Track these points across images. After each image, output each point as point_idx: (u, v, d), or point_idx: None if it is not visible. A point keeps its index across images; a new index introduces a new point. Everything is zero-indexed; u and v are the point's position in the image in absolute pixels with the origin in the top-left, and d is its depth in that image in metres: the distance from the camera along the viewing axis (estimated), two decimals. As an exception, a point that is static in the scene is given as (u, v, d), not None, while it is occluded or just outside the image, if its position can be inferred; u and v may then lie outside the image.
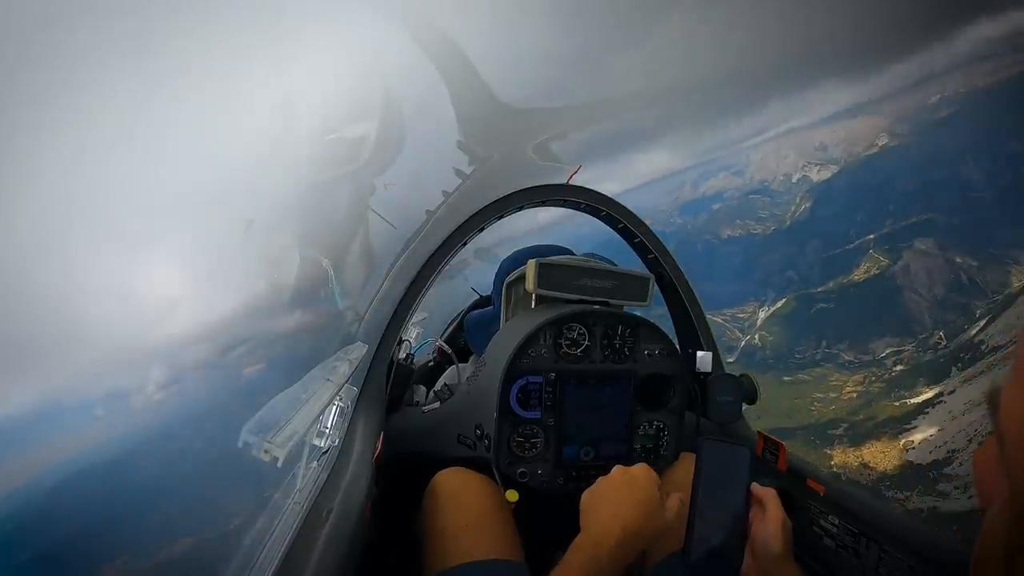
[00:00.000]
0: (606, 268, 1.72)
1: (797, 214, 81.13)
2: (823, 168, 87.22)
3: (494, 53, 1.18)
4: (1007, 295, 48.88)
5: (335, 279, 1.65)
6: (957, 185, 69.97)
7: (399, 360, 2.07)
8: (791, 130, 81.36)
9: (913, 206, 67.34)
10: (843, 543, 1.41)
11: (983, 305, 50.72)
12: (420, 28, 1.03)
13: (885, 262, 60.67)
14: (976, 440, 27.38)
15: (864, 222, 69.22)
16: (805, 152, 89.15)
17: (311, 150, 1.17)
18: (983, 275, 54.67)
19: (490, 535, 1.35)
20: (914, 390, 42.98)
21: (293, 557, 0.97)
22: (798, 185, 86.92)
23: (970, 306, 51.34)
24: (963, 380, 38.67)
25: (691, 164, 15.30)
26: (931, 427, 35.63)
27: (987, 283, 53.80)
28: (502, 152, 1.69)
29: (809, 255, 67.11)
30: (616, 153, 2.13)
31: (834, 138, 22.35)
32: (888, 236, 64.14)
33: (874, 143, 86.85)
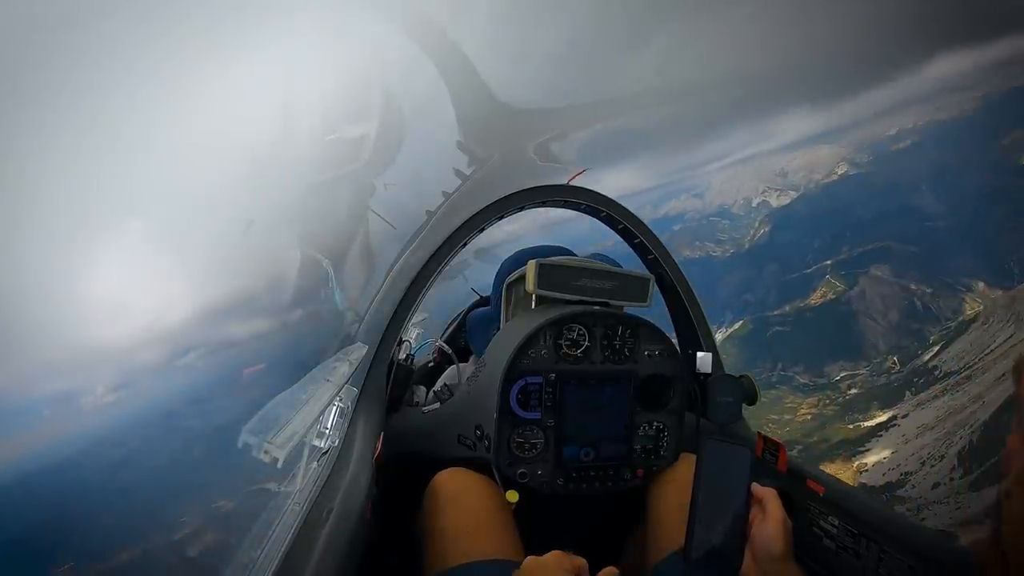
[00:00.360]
0: (606, 269, 1.72)
1: (756, 238, 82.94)
2: (783, 194, 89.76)
3: (494, 53, 1.18)
4: (960, 322, 50.23)
5: (335, 279, 1.65)
6: (914, 214, 72.49)
7: (399, 360, 2.07)
8: (753, 156, 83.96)
9: (870, 233, 69.41)
10: (843, 544, 1.40)
11: (936, 331, 52.16)
12: (420, 28, 1.03)
13: (841, 287, 62.31)
14: (929, 463, 27.97)
15: (821, 248, 71.18)
16: (765, 177, 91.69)
17: (311, 150, 1.17)
18: (937, 302, 56.28)
19: (490, 535, 1.35)
20: (868, 413, 43.65)
21: (293, 557, 0.97)
22: (758, 209, 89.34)
23: (924, 332, 52.89)
24: (916, 404, 39.33)
25: (653, 185, 15.38)
26: (884, 450, 36.07)
27: (941, 310, 55.35)
28: (502, 152, 1.69)
29: (767, 278, 68.28)
30: (586, 170, 2.15)
31: (794, 165, 22.92)
32: (845, 262, 65.90)
33: (834, 171, 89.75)
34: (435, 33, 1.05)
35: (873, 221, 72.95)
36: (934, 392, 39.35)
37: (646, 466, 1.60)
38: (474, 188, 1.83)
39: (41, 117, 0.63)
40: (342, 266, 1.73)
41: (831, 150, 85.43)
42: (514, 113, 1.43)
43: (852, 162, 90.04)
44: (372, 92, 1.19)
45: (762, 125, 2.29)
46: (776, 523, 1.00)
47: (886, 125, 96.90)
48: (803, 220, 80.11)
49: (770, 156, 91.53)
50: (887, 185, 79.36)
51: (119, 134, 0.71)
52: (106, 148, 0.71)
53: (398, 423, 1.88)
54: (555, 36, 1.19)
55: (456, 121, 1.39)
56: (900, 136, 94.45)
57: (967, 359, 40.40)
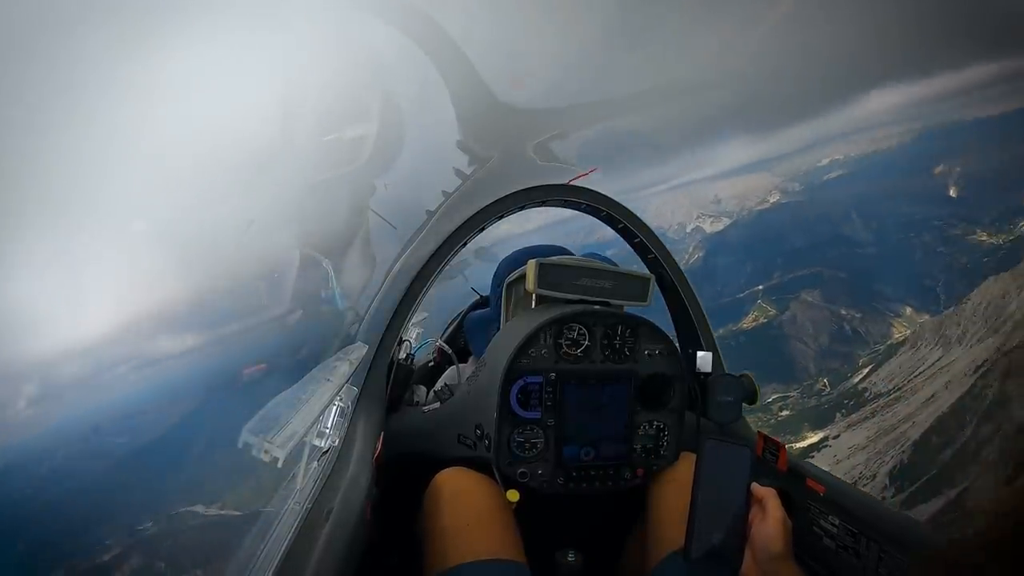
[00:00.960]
0: (606, 268, 1.72)
1: (690, 262, 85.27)
2: (716, 220, 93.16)
3: (494, 53, 1.18)
4: (888, 345, 51.82)
5: (335, 279, 1.65)
6: (843, 242, 75.69)
7: (399, 360, 2.07)
8: (689, 182, 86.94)
9: (801, 260, 72.01)
10: (843, 543, 1.40)
11: (865, 354, 53.93)
12: (420, 28, 1.03)
13: (772, 312, 64.52)
14: (861, 482, 28.74)
15: (754, 273, 73.63)
16: (700, 204, 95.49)
17: (310, 150, 1.17)
18: (865, 326, 58.60)
19: (491, 535, 1.35)
20: (800, 435, 44.46)
21: (293, 557, 0.97)
22: (692, 235, 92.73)
23: (853, 355, 54.65)
24: (847, 425, 39.88)
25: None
26: (817, 470, 36.72)
27: (869, 333, 57.56)
28: (502, 152, 1.68)
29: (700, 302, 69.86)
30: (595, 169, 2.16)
31: (728, 192, 23.37)
32: (776, 287, 68.20)
33: (766, 199, 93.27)
34: (435, 33, 1.05)
35: (804, 248, 76.30)
36: (865, 413, 40.25)
37: (646, 466, 1.60)
38: (474, 187, 1.83)
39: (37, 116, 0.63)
40: (341, 266, 1.73)
41: (764, 178, 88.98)
42: (514, 113, 1.43)
43: (784, 191, 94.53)
44: (372, 92, 1.19)
45: (700, 153, 2.35)
46: (776, 523, 1.00)
47: (817, 155, 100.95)
48: (736, 246, 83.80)
49: (705, 183, 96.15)
50: (818, 213, 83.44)
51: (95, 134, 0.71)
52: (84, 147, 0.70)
53: (398, 423, 1.88)
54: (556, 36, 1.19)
55: (456, 120, 1.39)
56: (831, 167, 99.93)
57: (896, 381, 41.30)
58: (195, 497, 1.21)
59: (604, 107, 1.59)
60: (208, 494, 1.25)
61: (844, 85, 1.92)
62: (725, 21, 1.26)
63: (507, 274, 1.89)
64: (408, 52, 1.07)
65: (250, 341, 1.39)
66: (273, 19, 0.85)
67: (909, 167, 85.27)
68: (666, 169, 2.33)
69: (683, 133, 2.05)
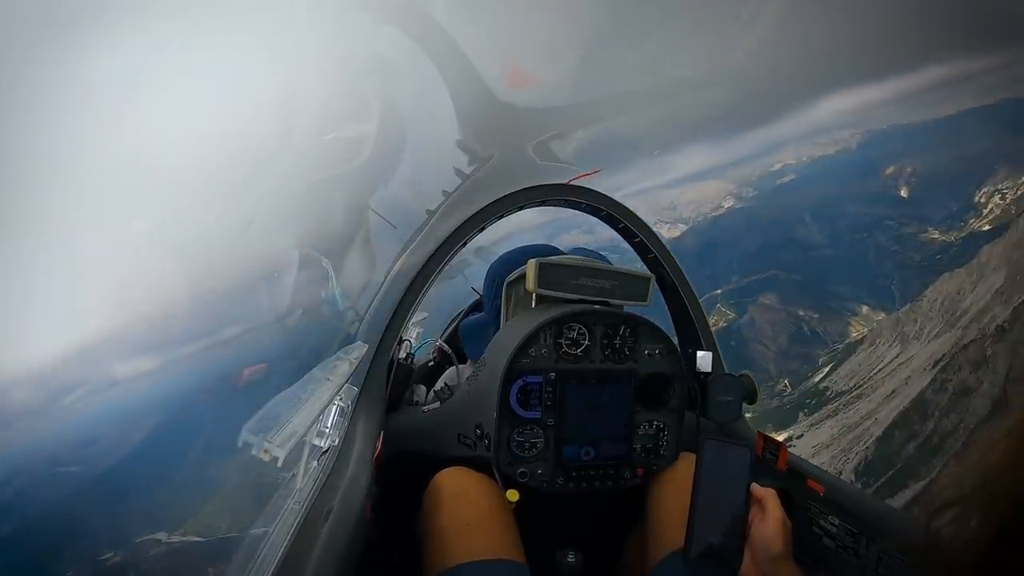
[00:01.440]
0: (606, 268, 1.72)
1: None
2: (673, 226, 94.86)
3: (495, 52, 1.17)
4: (847, 344, 52.34)
5: (335, 279, 1.65)
6: (798, 244, 77.09)
7: (399, 360, 2.07)
8: (645, 190, 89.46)
9: (757, 263, 73.38)
10: (843, 543, 1.40)
11: (825, 354, 54.49)
12: (420, 27, 1.03)
13: (732, 315, 65.71)
14: None
15: (711, 278, 74.43)
16: (656, 211, 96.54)
17: (310, 149, 1.17)
18: (823, 326, 59.54)
19: (491, 535, 1.35)
20: None
21: (293, 557, 0.97)
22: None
23: (812, 355, 55.36)
24: (809, 425, 40.03)
25: (544, 221, 15.47)
26: (781, 469, 37.15)
27: (828, 333, 58.40)
28: (503, 151, 1.68)
29: (659, 308, 70.71)
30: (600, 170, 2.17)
31: (684, 199, 23.38)
32: (734, 291, 69.39)
33: (720, 205, 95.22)
34: (435, 32, 1.05)
35: (760, 252, 77.78)
36: (827, 412, 40.43)
37: (646, 465, 1.60)
38: (474, 187, 1.83)
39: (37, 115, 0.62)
40: (341, 265, 1.73)
41: (718, 185, 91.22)
42: (515, 112, 1.43)
43: (738, 196, 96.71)
44: (372, 91, 1.19)
45: (658, 161, 2.38)
46: (775, 523, 1.00)
47: (770, 160, 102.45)
48: (693, 251, 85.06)
49: (661, 190, 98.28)
50: (772, 217, 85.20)
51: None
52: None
53: (398, 422, 1.88)
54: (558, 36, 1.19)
55: (456, 120, 1.39)
56: (784, 171, 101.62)
57: (857, 379, 41.58)
58: (159, 525, 1.19)
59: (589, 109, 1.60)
60: (171, 520, 1.23)
61: (798, 90, 1.95)
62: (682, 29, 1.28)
63: (499, 274, 1.89)
64: (408, 51, 1.07)
65: (250, 343, 1.38)
66: (273, 18, 0.85)
67: (860, 169, 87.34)
68: (622, 178, 2.36)
69: (636, 144, 2.09)
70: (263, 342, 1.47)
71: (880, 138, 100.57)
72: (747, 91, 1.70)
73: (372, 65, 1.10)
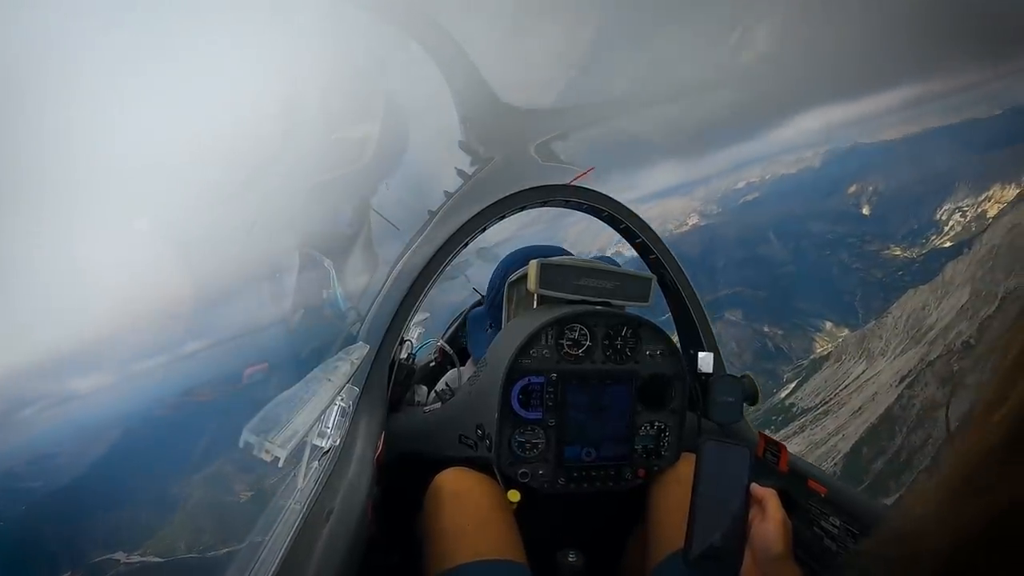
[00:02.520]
0: (608, 268, 1.72)
1: None
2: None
3: (496, 53, 1.18)
4: (812, 360, 52.65)
5: (337, 279, 1.65)
6: (762, 261, 78.01)
7: (401, 360, 2.07)
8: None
9: (722, 280, 74.14)
10: (844, 544, 1.40)
11: (790, 370, 55.01)
12: (422, 28, 1.03)
13: None
14: None
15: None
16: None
17: (313, 151, 1.17)
18: (788, 343, 60.20)
19: (492, 535, 1.35)
20: None
21: (294, 557, 0.97)
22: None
23: (778, 371, 55.87)
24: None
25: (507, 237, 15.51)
26: (749, 484, 37.60)
27: (792, 350, 59.02)
28: (504, 152, 1.69)
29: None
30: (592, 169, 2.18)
31: (648, 216, 23.64)
32: None
33: (685, 222, 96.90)
34: (438, 33, 1.05)
35: (724, 268, 79.10)
36: (794, 428, 40.42)
37: (647, 466, 1.60)
38: (476, 187, 1.83)
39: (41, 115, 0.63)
40: (343, 266, 1.74)
41: (683, 202, 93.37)
42: (516, 113, 1.43)
43: (703, 213, 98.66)
44: (374, 92, 1.19)
45: (629, 178, 2.39)
46: (775, 523, 1.00)
47: (734, 179, 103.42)
48: None
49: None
50: (737, 234, 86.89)
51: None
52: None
53: (399, 423, 1.88)
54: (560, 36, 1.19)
55: (458, 121, 1.39)
56: (748, 189, 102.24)
57: (823, 395, 41.66)
58: (119, 544, 1.18)
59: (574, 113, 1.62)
60: (129, 540, 1.22)
61: (773, 109, 1.98)
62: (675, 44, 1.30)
63: (505, 273, 1.89)
64: (411, 52, 1.07)
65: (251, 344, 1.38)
66: (275, 19, 0.86)
67: (823, 188, 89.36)
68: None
69: (612, 160, 2.11)
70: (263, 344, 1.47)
71: (842, 157, 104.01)
72: (722, 110, 1.73)
73: (374, 66, 1.10)
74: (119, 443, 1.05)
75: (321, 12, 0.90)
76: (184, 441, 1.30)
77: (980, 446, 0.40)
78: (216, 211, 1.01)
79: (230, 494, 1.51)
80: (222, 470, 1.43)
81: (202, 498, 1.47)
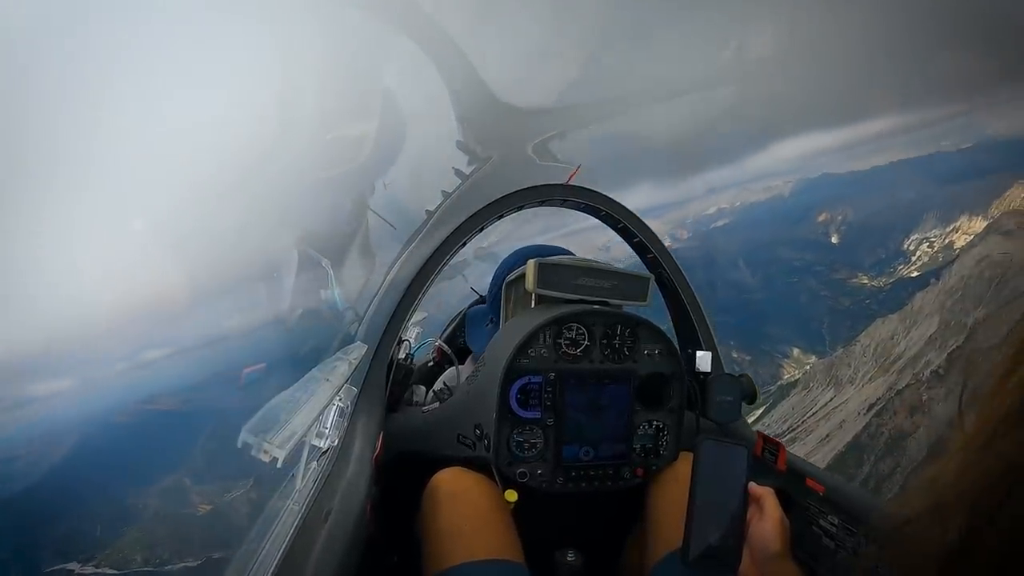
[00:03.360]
0: (606, 268, 1.72)
1: None
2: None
3: (495, 53, 1.18)
4: (779, 386, 53.04)
5: (334, 279, 1.65)
6: (732, 287, 79.62)
7: (399, 360, 2.07)
8: (579, 230, 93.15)
9: None
10: (842, 542, 1.41)
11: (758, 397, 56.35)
12: (420, 28, 1.03)
13: None
14: None
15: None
16: (589, 251, 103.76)
17: (310, 150, 1.16)
18: (755, 368, 60.29)
19: (488, 535, 1.35)
20: None
21: (293, 557, 0.97)
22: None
23: None
24: None
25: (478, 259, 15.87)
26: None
27: (760, 376, 58.86)
28: (502, 152, 1.69)
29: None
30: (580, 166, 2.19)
31: (617, 239, 23.62)
32: (668, 332, 72.60)
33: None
34: (436, 33, 1.05)
35: (694, 293, 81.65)
36: None
37: (646, 465, 1.60)
38: (474, 188, 1.83)
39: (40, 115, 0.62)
40: (341, 266, 1.73)
41: (653, 225, 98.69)
42: (514, 113, 1.43)
43: (673, 237, 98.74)
44: (372, 91, 1.19)
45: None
46: (773, 522, 1.00)
47: (705, 204, 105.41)
48: None
49: (594, 231, 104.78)
50: (706, 259, 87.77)
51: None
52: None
53: (398, 422, 1.88)
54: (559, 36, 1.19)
55: (456, 120, 1.39)
56: (719, 215, 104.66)
57: (791, 422, 41.81)
58: (70, 553, 1.16)
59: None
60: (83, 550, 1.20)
61: (754, 138, 2.02)
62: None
63: (508, 273, 1.89)
64: (409, 52, 1.07)
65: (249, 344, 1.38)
66: (273, 18, 0.85)
67: (792, 216, 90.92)
68: (557, 219, 2.37)
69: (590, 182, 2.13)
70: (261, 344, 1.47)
71: (811, 186, 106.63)
72: (703, 137, 1.76)
73: (372, 66, 1.10)
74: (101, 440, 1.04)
75: (319, 11, 0.90)
76: (182, 441, 1.30)
77: (996, 412, 0.44)
78: (210, 209, 1.01)
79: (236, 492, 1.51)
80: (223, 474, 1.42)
81: (207, 496, 1.46)
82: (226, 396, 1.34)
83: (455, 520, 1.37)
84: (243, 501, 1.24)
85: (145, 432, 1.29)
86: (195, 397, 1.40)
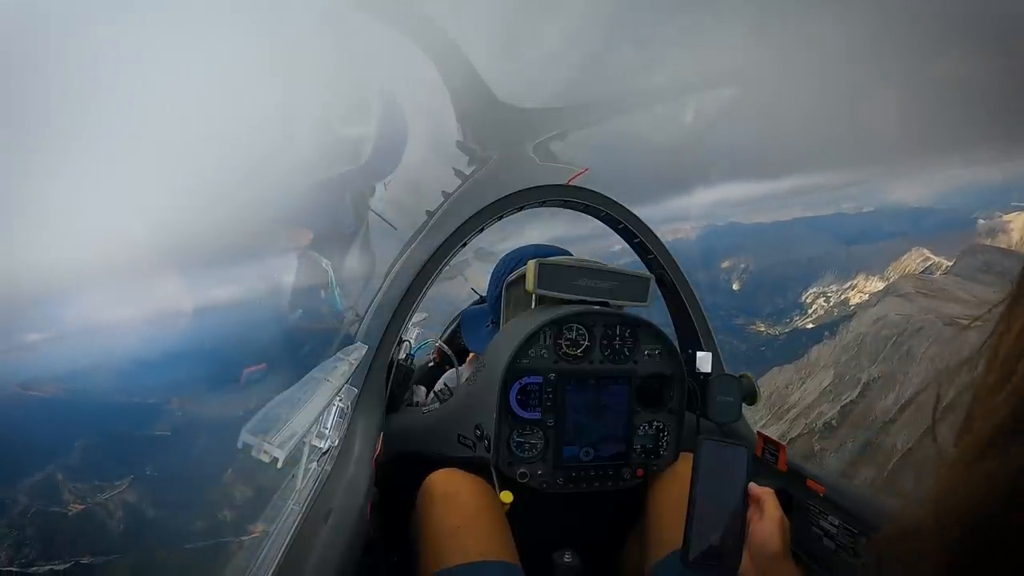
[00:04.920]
0: (606, 268, 1.72)
1: None
2: None
3: (495, 53, 1.18)
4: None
5: (335, 279, 1.65)
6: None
7: (399, 360, 2.07)
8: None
9: None
10: (842, 543, 1.41)
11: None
12: (421, 29, 1.03)
13: None
14: None
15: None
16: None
17: (311, 151, 1.17)
18: None
19: (482, 535, 1.35)
20: None
21: (293, 557, 0.97)
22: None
23: None
24: None
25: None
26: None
27: None
28: (502, 152, 1.69)
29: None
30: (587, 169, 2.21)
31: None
32: None
33: None
34: (436, 34, 1.05)
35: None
36: None
37: (646, 466, 1.60)
38: (474, 188, 1.83)
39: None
40: (341, 266, 1.73)
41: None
42: (515, 113, 1.43)
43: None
44: (373, 92, 1.19)
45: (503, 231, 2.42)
46: (773, 522, 1.00)
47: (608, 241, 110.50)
48: None
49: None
50: None
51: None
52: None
53: (398, 423, 1.88)
54: (560, 37, 1.19)
55: (456, 121, 1.39)
56: (621, 253, 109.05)
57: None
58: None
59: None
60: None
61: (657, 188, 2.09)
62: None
63: (505, 273, 1.89)
64: (409, 53, 1.07)
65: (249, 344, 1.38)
66: (275, 20, 0.86)
67: (696, 260, 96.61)
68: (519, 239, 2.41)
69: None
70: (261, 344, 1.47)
71: (717, 233, 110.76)
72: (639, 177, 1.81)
73: (373, 67, 1.10)
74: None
75: (321, 12, 0.90)
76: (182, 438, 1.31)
77: (989, 425, 0.44)
78: (211, 209, 1.01)
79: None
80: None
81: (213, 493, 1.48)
82: (262, 385, 1.37)
83: (447, 521, 1.37)
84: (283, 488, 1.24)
85: (186, 421, 1.30)
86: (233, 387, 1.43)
